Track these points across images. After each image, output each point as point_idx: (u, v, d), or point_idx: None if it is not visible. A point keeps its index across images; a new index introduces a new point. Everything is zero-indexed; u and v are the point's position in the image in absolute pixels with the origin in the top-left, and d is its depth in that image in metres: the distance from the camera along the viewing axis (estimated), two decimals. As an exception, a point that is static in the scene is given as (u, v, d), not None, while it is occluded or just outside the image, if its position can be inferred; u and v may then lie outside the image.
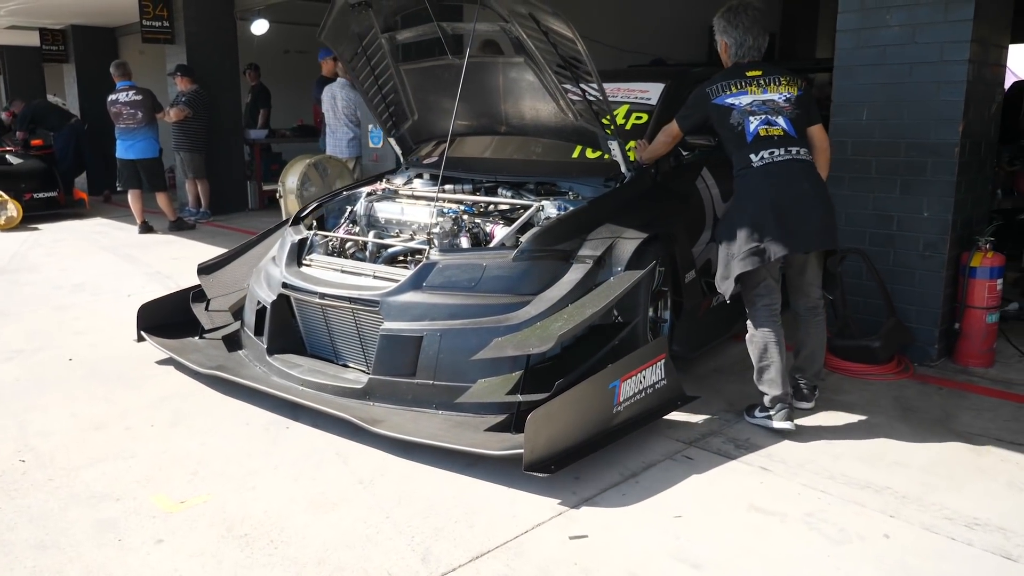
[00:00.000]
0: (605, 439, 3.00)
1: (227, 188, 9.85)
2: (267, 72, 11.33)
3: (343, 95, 7.68)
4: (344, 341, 3.65)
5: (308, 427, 3.39)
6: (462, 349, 3.18)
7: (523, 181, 4.10)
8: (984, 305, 4.01)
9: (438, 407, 3.23)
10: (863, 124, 4.15)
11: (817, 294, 3.45)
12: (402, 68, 4.34)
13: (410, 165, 4.72)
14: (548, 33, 3.47)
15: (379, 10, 4.04)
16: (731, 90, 3.32)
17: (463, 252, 3.47)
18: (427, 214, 3.95)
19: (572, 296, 3.25)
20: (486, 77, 4.04)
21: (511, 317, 3.20)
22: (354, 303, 3.46)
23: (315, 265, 3.83)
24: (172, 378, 4.00)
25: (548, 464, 2.78)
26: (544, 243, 3.39)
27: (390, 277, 3.52)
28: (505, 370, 3.13)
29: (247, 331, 4.02)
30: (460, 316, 3.24)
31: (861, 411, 3.54)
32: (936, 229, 3.99)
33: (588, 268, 3.33)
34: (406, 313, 3.31)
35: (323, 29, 4.15)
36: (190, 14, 9.43)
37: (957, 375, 3.99)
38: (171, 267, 6.75)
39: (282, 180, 7.15)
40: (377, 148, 7.23)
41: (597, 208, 3.65)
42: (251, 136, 10.33)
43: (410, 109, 4.58)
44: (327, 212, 4.39)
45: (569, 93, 3.77)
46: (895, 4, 3.98)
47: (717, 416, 3.48)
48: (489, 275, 3.32)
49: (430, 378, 3.23)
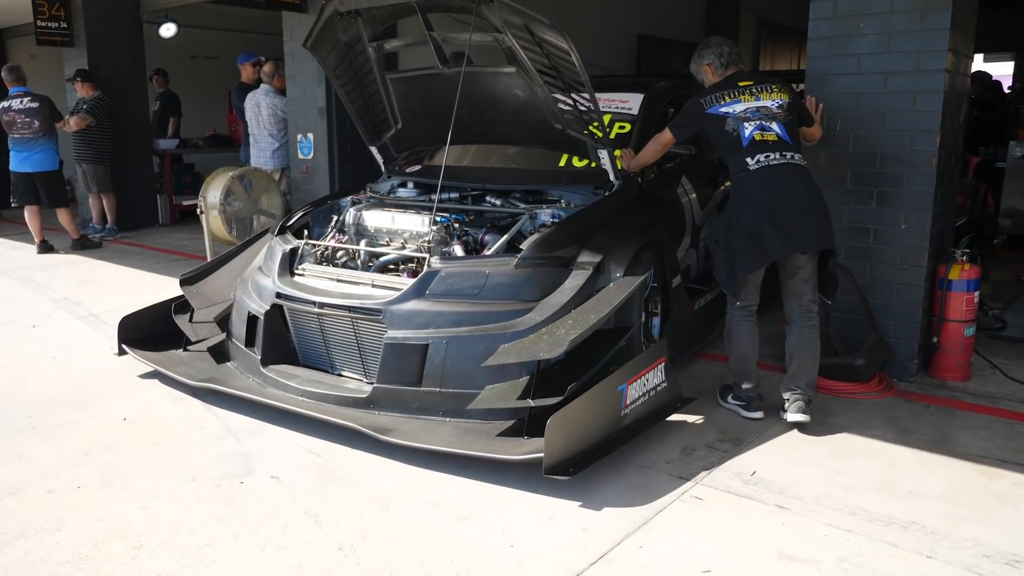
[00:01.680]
0: (614, 442, 3.03)
1: (135, 202, 9.10)
2: (173, 79, 10.62)
3: (267, 102, 7.18)
4: (341, 350, 3.60)
5: (266, 480, 2.97)
6: (468, 356, 3.20)
7: (511, 189, 4.11)
8: (962, 318, 3.94)
9: (445, 414, 3.24)
10: (836, 134, 4.03)
11: (810, 296, 3.47)
12: (388, 77, 4.30)
13: (392, 174, 4.70)
14: (542, 44, 3.51)
15: (368, 19, 3.98)
16: (724, 100, 3.43)
17: (465, 260, 3.49)
18: (419, 222, 3.90)
19: (574, 302, 3.29)
20: (476, 87, 3.97)
21: (516, 323, 3.22)
22: (354, 312, 3.43)
23: (308, 275, 3.78)
24: (96, 424, 3.49)
25: (567, 467, 2.80)
26: (544, 250, 3.43)
27: (390, 286, 3.50)
28: (512, 376, 3.15)
29: (236, 342, 3.92)
30: (464, 323, 3.26)
31: (858, 434, 3.39)
32: (914, 241, 3.90)
33: (588, 274, 3.39)
34: (410, 321, 3.30)
35: (309, 37, 4.02)
36: (91, 15, 8.67)
37: (939, 390, 3.91)
38: (79, 292, 6.09)
39: (203, 195, 6.60)
40: (308, 159, 6.77)
41: (591, 215, 3.70)
42: (161, 146, 9.62)
43: (394, 118, 4.53)
44: (312, 221, 4.31)
45: (559, 103, 3.80)
46: (869, 12, 3.88)
47: (713, 447, 3.26)
48: (492, 282, 3.34)
49: (436, 385, 3.24)
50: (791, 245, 3.28)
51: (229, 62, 11.73)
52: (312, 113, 6.63)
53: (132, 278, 6.63)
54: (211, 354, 3.99)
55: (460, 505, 2.78)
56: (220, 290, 4.28)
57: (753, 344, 3.53)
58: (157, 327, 4.27)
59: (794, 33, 14.83)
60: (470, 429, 3.14)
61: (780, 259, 3.38)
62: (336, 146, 6.58)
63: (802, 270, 3.42)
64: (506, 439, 3.04)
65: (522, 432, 3.06)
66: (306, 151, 6.78)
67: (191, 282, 4.36)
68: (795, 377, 3.46)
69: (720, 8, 11.97)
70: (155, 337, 4.22)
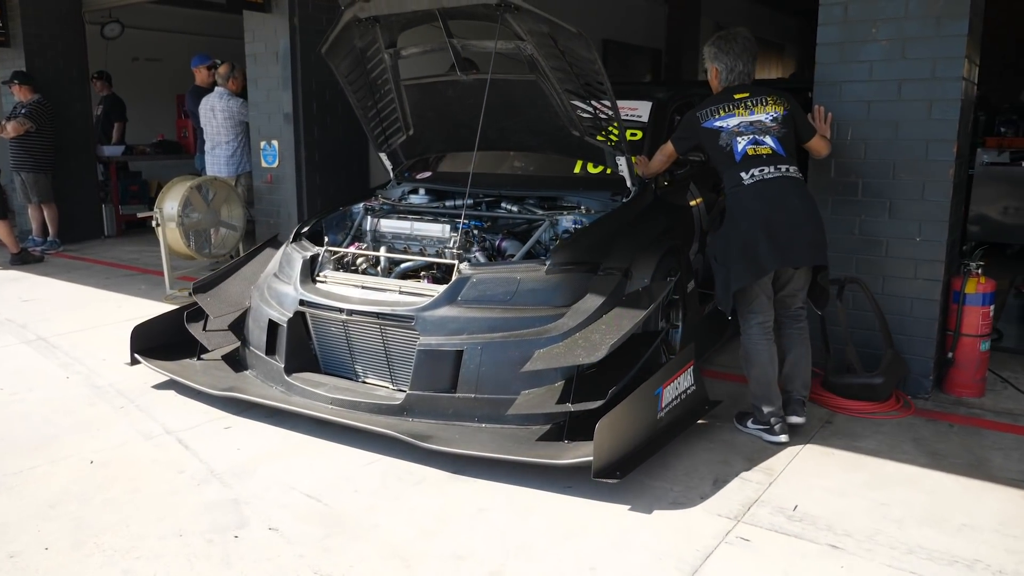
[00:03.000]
0: (652, 445, 3.05)
1: (78, 213, 8.54)
2: (114, 82, 10.02)
3: (223, 106, 6.79)
4: (366, 357, 3.57)
5: (263, 533, 2.65)
6: (504, 362, 3.20)
7: (525, 195, 4.13)
8: (978, 333, 3.84)
9: (480, 420, 3.23)
10: (848, 143, 3.89)
11: (799, 304, 3.50)
12: (403, 83, 4.25)
13: (402, 180, 4.64)
14: (565, 52, 3.50)
15: (386, 26, 3.93)
16: (719, 113, 3.42)
17: (496, 266, 3.49)
18: (439, 229, 3.86)
19: (605, 307, 3.28)
20: (493, 94, 3.88)
21: (550, 329, 3.22)
22: (383, 319, 3.41)
23: (331, 282, 3.73)
24: (60, 469, 3.11)
25: (613, 470, 2.82)
26: (573, 256, 3.43)
27: (419, 292, 3.48)
28: (548, 381, 3.16)
29: (254, 350, 3.86)
30: (498, 329, 3.26)
31: (889, 458, 3.23)
32: (930, 254, 3.78)
33: (617, 279, 3.39)
34: (443, 327, 3.29)
35: (325, 43, 3.98)
36: (29, 14, 8.08)
37: (956, 408, 3.79)
38: (23, 312, 5.59)
39: (159, 206, 6.17)
40: (272, 168, 6.38)
41: (613, 221, 3.72)
42: (105, 153, 9.06)
43: (406, 124, 4.49)
44: (326, 227, 4.25)
45: (578, 110, 3.80)
46: (881, 17, 3.74)
47: (745, 478, 3.05)
48: (524, 288, 3.34)
49: (472, 391, 3.23)
50: (786, 259, 3.29)
51: (173, 64, 11.28)
52: (277, 119, 6.25)
53: (81, 296, 6.15)
54: (227, 363, 3.94)
55: (487, 558, 2.51)
56: (236, 297, 4.20)
57: (773, 364, 3.40)
58: (166, 336, 4.19)
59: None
60: (508, 434, 3.13)
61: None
62: (304, 154, 6.22)
63: (793, 282, 3.44)
64: (548, 443, 3.04)
65: (562, 436, 3.05)
66: (270, 159, 6.40)
67: (205, 289, 4.23)
68: (790, 379, 3.47)
69: (682, 15, 11.96)
70: (163, 347, 4.14)
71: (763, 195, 3.27)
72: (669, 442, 3.12)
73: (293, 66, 5.90)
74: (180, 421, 3.61)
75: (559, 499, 2.88)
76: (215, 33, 10.83)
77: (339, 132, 6.46)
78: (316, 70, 6.15)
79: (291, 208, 6.13)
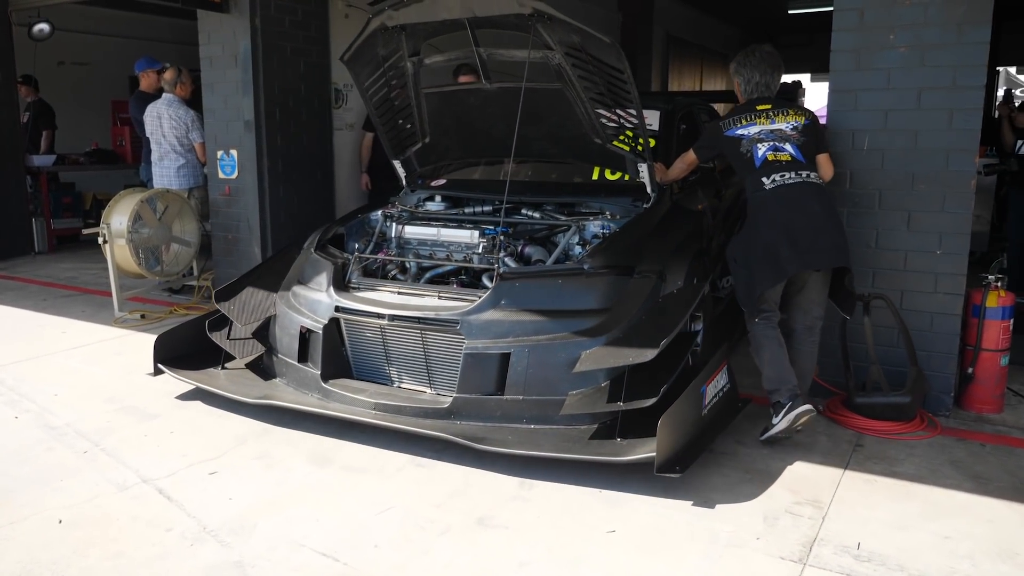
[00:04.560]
0: (700, 441, 3.14)
1: (6, 228, 7.87)
2: (40, 87, 9.29)
3: (171, 114, 6.29)
4: (404, 363, 3.59)
5: (280, 603, 2.30)
6: (551, 363, 3.26)
7: (545, 201, 4.17)
8: (998, 347, 3.74)
9: (528, 421, 3.27)
10: (864, 153, 3.76)
11: (818, 313, 3.55)
12: (423, 91, 4.29)
13: (416, 188, 4.66)
14: (593, 61, 3.60)
15: (412, 34, 3.96)
16: (741, 123, 3.53)
17: (536, 270, 3.62)
18: (467, 235, 3.89)
19: (645, 308, 3.37)
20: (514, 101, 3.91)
21: (594, 330, 3.29)
22: (425, 323, 3.44)
23: (364, 288, 3.75)
24: (23, 532, 2.68)
25: (673, 465, 2.91)
26: (610, 259, 3.53)
27: (460, 297, 3.51)
28: (594, 381, 3.21)
29: (283, 358, 3.84)
30: (542, 332, 3.32)
31: (934, 484, 3.07)
32: (951, 267, 3.66)
33: (653, 282, 3.47)
34: (489, 331, 3.34)
35: (349, 51, 4.01)
36: (-52, 12, 7.43)
37: (981, 425, 3.68)
38: (-47, 342, 5.03)
39: (106, 221, 5.68)
40: (231, 179, 5.93)
41: (641, 226, 3.81)
42: (35, 163, 8.38)
43: (422, 131, 4.51)
44: (347, 234, 4.29)
45: (602, 117, 3.91)
46: (900, 23, 3.62)
47: (794, 512, 2.84)
48: (565, 291, 3.43)
49: (520, 393, 3.27)
50: (807, 263, 3.35)
51: (103, 69, 10.61)
52: (236, 127, 5.81)
53: (18, 321, 5.58)
54: (252, 371, 3.93)
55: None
56: (261, 305, 4.12)
57: (782, 346, 3.44)
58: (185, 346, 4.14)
59: (696, 48, 15.10)
60: (560, 435, 3.18)
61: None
62: (266, 164, 5.79)
63: (813, 287, 3.49)
64: (601, 442, 3.10)
65: (613, 435, 3.11)
66: (228, 170, 5.95)
67: (227, 296, 4.13)
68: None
69: (635, 24, 11.94)
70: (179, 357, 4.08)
71: (784, 200, 3.35)
72: (712, 439, 3.21)
73: (255, 70, 5.48)
74: (157, 467, 3.20)
75: (604, 546, 2.62)
76: (145, 36, 10.24)
77: (303, 140, 6.07)
78: (279, 74, 5.76)
79: (253, 222, 5.70)
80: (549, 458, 3.03)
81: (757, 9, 14.45)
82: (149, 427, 3.63)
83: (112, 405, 3.90)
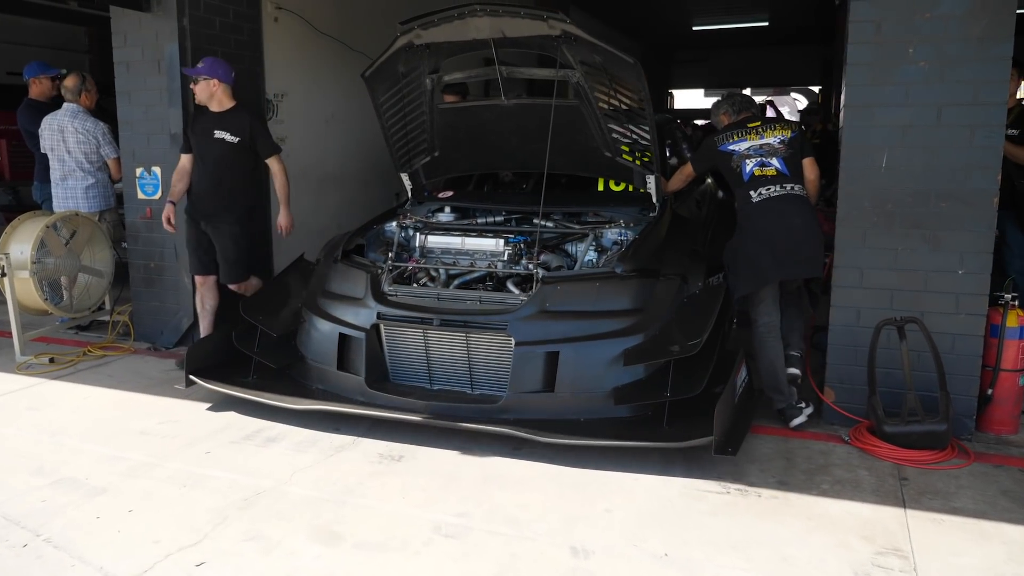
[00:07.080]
0: (738, 427, 3.42)
1: None
2: None
3: (77, 127, 5.49)
4: (445, 365, 3.74)
5: None
6: (597, 360, 3.52)
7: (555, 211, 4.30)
8: (1017, 367, 3.68)
9: (577, 415, 3.50)
10: (882, 171, 3.61)
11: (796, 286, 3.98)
12: (438, 106, 4.37)
13: (424, 200, 4.74)
14: (612, 79, 3.79)
15: (434, 52, 4.03)
16: (733, 138, 3.92)
17: (575, 274, 3.86)
18: (492, 243, 4.06)
19: (675, 307, 3.69)
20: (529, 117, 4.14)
21: (632, 328, 3.58)
22: (471, 327, 3.63)
23: (402, 295, 3.87)
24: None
25: (725, 447, 3.21)
26: (638, 263, 3.78)
27: (503, 301, 3.71)
28: (636, 375, 3.51)
29: (320, 366, 3.95)
30: (586, 331, 3.57)
31: (999, 519, 2.92)
32: (973, 287, 3.56)
33: (678, 283, 3.78)
34: (536, 332, 3.56)
35: (370, 68, 4.05)
36: None
37: (1007, 448, 3.59)
38: None
39: (4, 250, 4.88)
40: (152, 200, 5.20)
41: (657, 232, 4.09)
42: None
43: (431, 145, 4.58)
44: (367, 244, 4.37)
45: (614, 132, 4.09)
46: (918, 37, 3.50)
47: (882, 565, 2.60)
48: (602, 293, 3.70)
49: (569, 390, 3.51)
50: (785, 272, 3.78)
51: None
52: (160, 140, 5.09)
53: None
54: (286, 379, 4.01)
55: None
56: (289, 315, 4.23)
57: (779, 358, 3.81)
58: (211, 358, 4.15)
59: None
60: (611, 425, 3.43)
61: None
62: (197, 183, 5.11)
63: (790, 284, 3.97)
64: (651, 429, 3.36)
65: (662, 422, 3.38)
66: (150, 190, 5.22)
67: (255, 308, 4.20)
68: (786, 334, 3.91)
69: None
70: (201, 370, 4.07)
71: (769, 213, 3.72)
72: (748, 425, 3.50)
73: (183, 77, 4.82)
74: (126, 561, 2.60)
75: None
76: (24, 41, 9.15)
77: (236, 156, 5.41)
78: (210, 82, 5.10)
79: (181, 248, 5.01)
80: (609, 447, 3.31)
81: (663, 25, 14.65)
82: (100, 505, 3.00)
83: (43, 479, 3.23)
